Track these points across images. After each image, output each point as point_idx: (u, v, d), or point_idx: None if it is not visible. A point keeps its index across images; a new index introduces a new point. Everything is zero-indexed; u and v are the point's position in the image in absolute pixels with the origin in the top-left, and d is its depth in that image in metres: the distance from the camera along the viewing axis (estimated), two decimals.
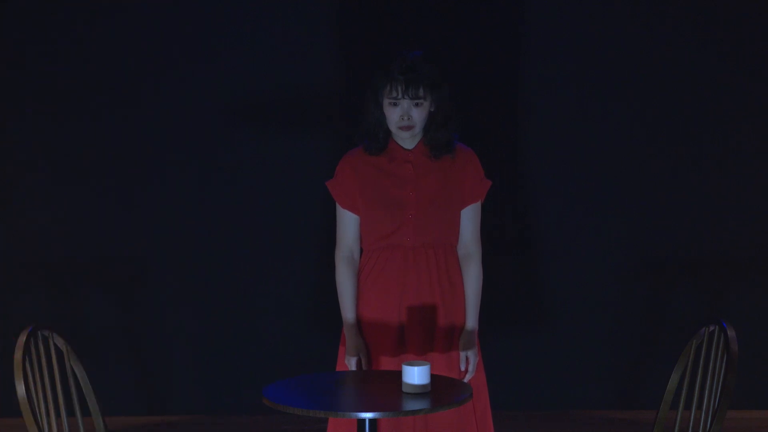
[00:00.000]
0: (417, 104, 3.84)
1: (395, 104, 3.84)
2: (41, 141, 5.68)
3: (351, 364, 3.91)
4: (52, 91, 5.65)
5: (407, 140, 3.93)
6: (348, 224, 3.97)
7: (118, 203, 5.71)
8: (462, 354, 3.87)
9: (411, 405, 3.24)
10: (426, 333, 3.93)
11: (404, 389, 3.35)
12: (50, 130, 5.67)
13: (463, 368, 3.87)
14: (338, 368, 4.00)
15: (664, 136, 5.68)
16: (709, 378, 3.54)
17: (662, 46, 5.63)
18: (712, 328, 3.60)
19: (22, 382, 3.33)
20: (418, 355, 3.91)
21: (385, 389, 3.46)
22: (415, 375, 3.33)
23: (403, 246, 3.91)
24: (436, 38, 5.57)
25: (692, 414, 3.61)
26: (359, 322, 3.97)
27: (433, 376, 3.41)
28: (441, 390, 3.39)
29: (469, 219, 3.97)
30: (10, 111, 5.68)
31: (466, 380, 3.86)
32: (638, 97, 5.66)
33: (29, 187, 5.70)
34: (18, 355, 3.38)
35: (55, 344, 3.59)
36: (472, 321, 3.92)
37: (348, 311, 3.96)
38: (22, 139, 5.68)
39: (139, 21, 5.63)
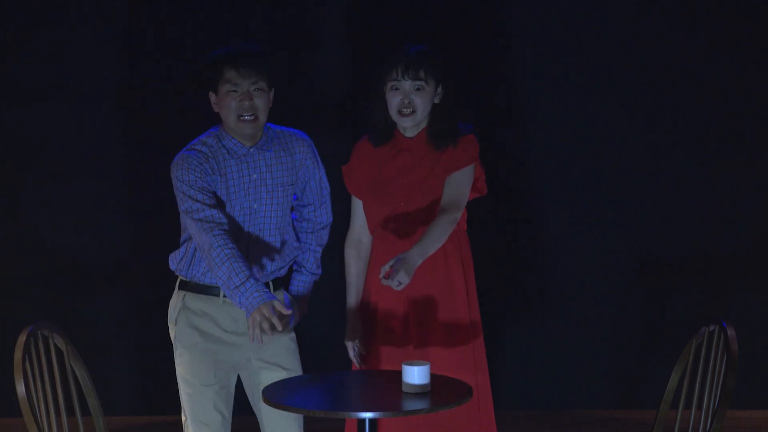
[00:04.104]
0: (418, 88, 3.87)
1: (396, 88, 3.88)
2: (41, 140, 5.68)
3: (348, 347, 4.03)
4: (53, 91, 5.65)
5: (409, 129, 3.97)
6: (357, 209, 4.09)
7: (118, 203, 5.71)
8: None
9: (411, 405, 3.24)
10: (422, 319, 3.95)
11: (404, 389, 3.35)
12: (50, 129, 5.67)
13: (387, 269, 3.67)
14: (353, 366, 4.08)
15: (664, 136, 5.68)
16: (709, 378, 3.54)
17: (662, 46, 5.63)
18: (712, 328, 3.60)
19: (22, 382, 3.33)
20: (417, 346, 3.92)
21: (385, 389, 3.46)
22: (415, 375, 3.33)
23: (398, 234, 3.95)
24: (438, 39, 5.57)
25: (692, 414, 3.61)
26: (366, 304, 4.04)
27: (433, 376, 3.42)
28: (441, 390, 3.39)
29: (448, 184, 3.90)
30: (9, 110, 5.68)
31: (386, 278, 3.65)
32: (638, 96, 5.66)
33: (29, 187, 5.70)
34: (18, 354, 3.38)
35: (55, 344, 3.59)
36: (413, 249, 3.70)
37: (351, 294, 4.07)
38: (22, 138, 5.68)
39: (139, 21, 5.63)
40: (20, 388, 3.32)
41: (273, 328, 3.53)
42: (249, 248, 3.86)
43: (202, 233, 3.69)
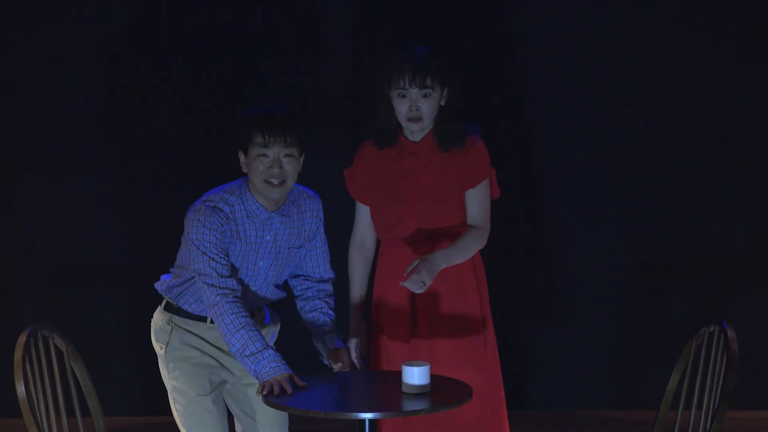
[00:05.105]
0: (425, 95, 3.87)
1: (403, 96, 3.88)
2: (41, 140, 5.67)
3: (351, 345, 4.01)
4: (53, 91, 5.64)
5: (415, 133, 3.96)
6: (360, 213, 4.09)
7: (118, 203, 5.71)
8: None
9: (411, 405, 3.24)
10: (432, 318, 3.94)
11: (404, 389, 3.35)
12: (50, 129, 5.66)
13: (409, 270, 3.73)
14: (372, 363, 4.08)
15: (664, 136, 5.68)
16: (709, 378, 3.54)
17: (662, 46, 5.63)
18: (712, 328, 3.60)
19: (22, 382, 3.33)
20: (426, 345, 3.92)
21: (385, 389, 3.46)
22: (415, 375, 3.33)
23: (408, 237, 3.95)
24: (438, 39, 5.57)
25: (692, 414, 3.61)
26: (376, 305, 4.04)
27: (433, 376, 3.42)
28: (441, 390, 3.39)
29: (471, 201, 3.97)
30: (9, 110, 5.68)
31: (408, 281, 3.71)
32: (638, 96, 5.66)
33: (28, 187, 5.69)
34: (18, 355, 3.38)
35: (55, 344, 3.59)
36: (439, 252, 3.79)
37: (354, 296, 4.09)
38: (22, 138, 5.68)
39: (140, 20, 5.63)
40: (20, 389, 3.32)
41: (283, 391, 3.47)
42: (244, 295, 3.80)
43: (213, 296, 3.63)
